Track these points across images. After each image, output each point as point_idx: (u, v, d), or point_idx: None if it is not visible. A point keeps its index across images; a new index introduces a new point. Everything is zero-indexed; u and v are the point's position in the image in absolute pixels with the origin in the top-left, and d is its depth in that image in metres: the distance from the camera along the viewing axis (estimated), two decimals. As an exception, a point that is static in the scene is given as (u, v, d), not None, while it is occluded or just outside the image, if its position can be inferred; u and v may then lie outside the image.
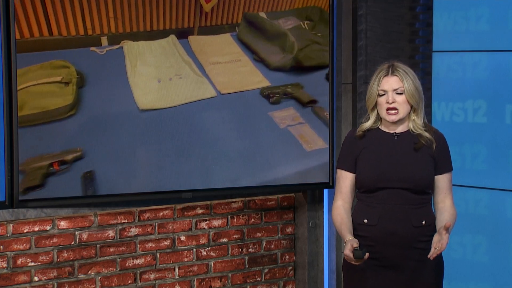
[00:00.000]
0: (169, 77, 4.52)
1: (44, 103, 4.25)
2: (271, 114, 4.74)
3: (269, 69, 4.74)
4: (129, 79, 4.42)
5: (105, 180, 4.41)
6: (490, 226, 4.69)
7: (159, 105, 4.51)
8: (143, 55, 4.46)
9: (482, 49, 4.70)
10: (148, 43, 4.46)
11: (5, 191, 4.20)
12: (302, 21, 4.80)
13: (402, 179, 3.50)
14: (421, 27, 5.05)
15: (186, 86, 4.57)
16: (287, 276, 5.11)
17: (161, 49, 4.50)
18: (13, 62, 4.14)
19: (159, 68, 4.50)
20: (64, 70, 4.28)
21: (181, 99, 4.56)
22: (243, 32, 4.67)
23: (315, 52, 4.82)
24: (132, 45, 4.42)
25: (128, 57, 4.42)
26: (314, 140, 4.83)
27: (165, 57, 4.51)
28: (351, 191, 3.63)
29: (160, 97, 4.51)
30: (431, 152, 3.55)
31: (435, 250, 3.40)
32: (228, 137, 4.68)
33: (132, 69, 4.43)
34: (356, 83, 5.06)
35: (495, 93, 4.65)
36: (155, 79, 4.50)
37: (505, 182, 4.62)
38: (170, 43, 4.51)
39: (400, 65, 3.58)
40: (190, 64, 4.58)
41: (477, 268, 4.73)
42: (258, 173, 4.76)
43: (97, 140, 4.38)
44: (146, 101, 4.48)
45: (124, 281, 4.61)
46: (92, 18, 4.31)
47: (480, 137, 4.70)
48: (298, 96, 4.78)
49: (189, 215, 4.77)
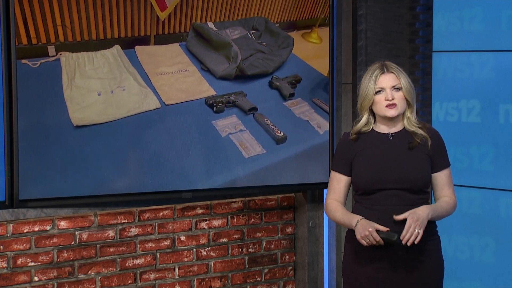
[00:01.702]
0: (110, 89, 4.37)
1: None
2: (214, 122, 4.70)
3: (216, 78, 4.73)
4: (64, 93, 4.23)
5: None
6: (493, 227, 4.70)
7: (97, 119, 4.33)
8: (83, 66, 4.27)
9: (482, 49, 4.70)
10: (88, 54, 4.28)
11: (5, 191, 4.21)
12: (248, 31, 4.83)
13: (398, 180, 3.50)
14: (421, 27, 5.05)
15: (129, 98, 4.43)
16: (287, 276, 5.11)
17: (104, 59, 4.34)
18: (13, 61, 4.14)
19: (100, 80, 4.33)
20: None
21: (123, 112, 4.41)
22: (191, 42, 4.64)
23: (259, 61, 4.84)
24: (71, 56, 4.22)
25: (65, 69, 4.23)
26: (253, 147, 4.83)
27: (108, 69, 4.35)
28: (344, 193, 3.64)
29: (99, 111, 4.33)
30: (427, 150, 3.54)
31: (409, 234, 3.40)
32: (169, 148, 4.58)
33: (68, 82, 4.22)
34: (356, 83, 5.06)
35: (500, 93, 4.65)
36: (95, 92, 4.33)
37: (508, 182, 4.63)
38: (115, 53, 4.37)
39: (392, 63, 3.59)
40: (134, 75, 4.45)
41: (484, 269, 4.73)
42: (198, 182, 4.68)
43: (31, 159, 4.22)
44: (82, 116, 4.29)
45: (124, 281, 4.61)
46: (37, 26, 4.11)
47: (486, 137, 4.70)
48: (240, 104, 4.80)
49: (189, 215, 4.78)
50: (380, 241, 3.41)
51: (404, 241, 3.40)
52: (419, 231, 3.40)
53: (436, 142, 3.57)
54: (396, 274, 3.51)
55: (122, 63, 4.41)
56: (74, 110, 4.27)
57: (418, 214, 3.42)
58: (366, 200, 3.54)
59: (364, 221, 3.46)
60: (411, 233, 3.40)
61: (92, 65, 4.30)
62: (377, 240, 3.41)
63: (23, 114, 4.16)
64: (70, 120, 4.25)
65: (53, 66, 4.19)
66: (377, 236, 3.40)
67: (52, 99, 4.22)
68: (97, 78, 4.33)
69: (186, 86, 4.64)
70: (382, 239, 3.40)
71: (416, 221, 3.40)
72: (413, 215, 3.41)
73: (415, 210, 3.43)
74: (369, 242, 3.42)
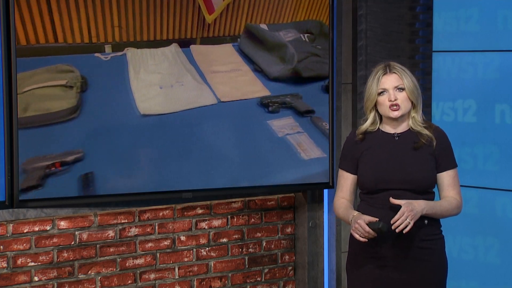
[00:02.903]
0: (170, 84, 4.58)
1: (48, 105, 4.31)
2: (269, 122, 4.82)
3: (269, 79, 4.82)
4: (131, 85, 4.49)
5: (104, 181, 4.43)
6: (497, 227, 4.70)
7: (160, 110, 4.57)
8: (146, 62, 4.52)
9: (481, 49, 4.70)
10: (151, 51, 4.53)
11: (5, 191, 4.20)
12: (302, 34, 4.86)
13: (402, 180, 3.50)
14: (421, 27, 5.05)
15: (187, 92, 4.64)
16: (287, 276, 5.11)
17: (164, 57, 4.56)
18: (13, 64, 4.16)
19: (161, 75, 4.57)
20: (69, 74, 4.34)
21: (182, 105, 4.63)
22: (243, 43, 4.74)
23: (314, 64, 4.90)
24: (136, 52, 4.49)
25: (131, 64, 4.49)
26: (312, 149, 4.89)
27: (167, 65, 4.58)
28: (352, 191, 3.66)
29: (161, 102, 4.57)
30: (432, 151, 3.54)
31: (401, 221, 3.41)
32: (226, 143, 4.74)
33: (135, 75, 4.49)
34: (356, 83, 5.06)
35: (497, 92, 4.65)
36: (157, 85, 4.56)
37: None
38: (173, 51, 4.58)
39: (396, 64, 3.59)
40: (191, 72, 4.64)
41: (488, 270, 4.72)
42: (257, 179, 4.82)
43: (98, 142, 4.42)
44: (147, 106, 4.54)
45: (124, 281, 4.61)
46: (97, 26, 4.37)
47: (483, 137, 4.70)
48: (297, 106, 4.83)
49: (189, 215, 4.77)
50: (370, 231, 3.42)
51: (395, 226, 3.40)
52: (410, 221, 3.40)
53: (442, 143, 3.57)
54: (399, 273, 3.52)
55: (179, 60, 4.60)
56: (141, 100, 4.52)
57: (413, 206, 3.43)
58: (371, 199, 3.55)
59: (357, 215, 3.49)
60: (402, 221, 3.40)
61: (154, 60, 4.54)
62: (366, 231, 3.42)
63: (97, 100, 4.40)
64: (137, 108, 4.51)
65: (121, 60, 4.47)
66: (366, 227, 3.42)
67: (121, 87, 4.48)
68: (158, 73, 4.56)
69: (240, 85, 4.77)
70: (372, 230, 3.42)
71: (410, 211, 3.40)
72: (408, 205, 3.42)
73: (411, 201, 3.44)
74: (361, 234, 3.43)
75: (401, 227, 3.40)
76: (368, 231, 3.42)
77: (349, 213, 3.55)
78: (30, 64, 4.24)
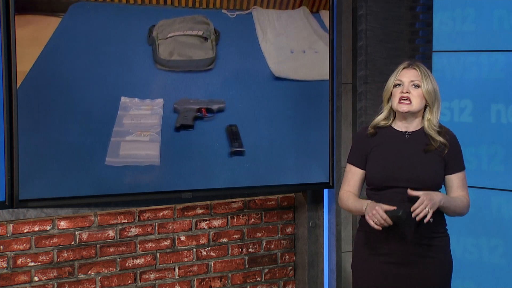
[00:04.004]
0: (302, 49, 4.52)
1: (189, 53, 4.40)
2: None
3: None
4: (261, 45, 4.47)
5: (247, 135, 4.50)
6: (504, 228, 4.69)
7: (292, 75, 4.51)
8: (272, 22, 4.46)
9: (482, 49, 4.70)
10: (277, 12, 4.46)
11: (5, 191, 4.20)
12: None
13: (409, 179, 3.52)
14: (421, 27, 5.05)
15: (322, 62, 4.58)
16: (287, 276, 5.11)
17: (291, 19, 4.48)
18: (13, 61, 4.14)
19: (289, 39, 4.50)
20: (204, 25, 4.40)
21: (315, 74, 4.56)
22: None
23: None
24: (261, 11, 4.44)
25: (258, 23, 4.46)
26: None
27: (296, 28, 4.49)
28: (358, 186, 3.67)
29: (293, 67, 4.51)
30: (442, 154, 3.56)
31: (421, 209, 3.41)
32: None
33: (263, 36, 4.44)
34: (356, 83, 5.06)
35: (493, 92, 4.65)
36: (287, 49, 4.51)
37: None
38: (302, 15, 4.49)
39: (422, 64, 3.62)
40: (325, 39, 4.54)
41: (493, 270, 4.72)
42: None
43: (237, 96, 4.46)
44: (280, 69, 4.49)
45: (124, 281, 4.61)
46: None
47: (488, 137, 4.70)
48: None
49: (189, 215, 4.77)
50: (387, 219, 3.43)
51: (415, 214, 3.41)
52: (430, 210, 3.41)
53: (454, 147, 3.60)
54: (403, 269, 3.54)
55: (309, 25, 4.52)
56: (272, 62, 4.51)
57: (432, 196, 3.45)
58: (377, 195, 3.57)
59: (372, 203, 3.50)
60: (422, 209, 3.41)
61: (280, 22, 4.48)
62: (383, 218, 3.42)
63: (231, 55, 4.45)
64: (270, 70, 4.50)
65: (246, 18, 4.47)
66: (384, 214, 3.43)
67: (251, 47, 4.49)
68: (286, 37, 4.51)
69: None
70: (389, 217, 3.42)
71: (429, 200, 3.42)
72: (427, 195, 3.44)
73: (430, 192, 3.46)
74: (377, 221, 3.44)
75: (421, 215, 3.40)
76: (386, 218, 3.43)
77: (363, 202, 3.56)
78: (170, 13, 4.31)
